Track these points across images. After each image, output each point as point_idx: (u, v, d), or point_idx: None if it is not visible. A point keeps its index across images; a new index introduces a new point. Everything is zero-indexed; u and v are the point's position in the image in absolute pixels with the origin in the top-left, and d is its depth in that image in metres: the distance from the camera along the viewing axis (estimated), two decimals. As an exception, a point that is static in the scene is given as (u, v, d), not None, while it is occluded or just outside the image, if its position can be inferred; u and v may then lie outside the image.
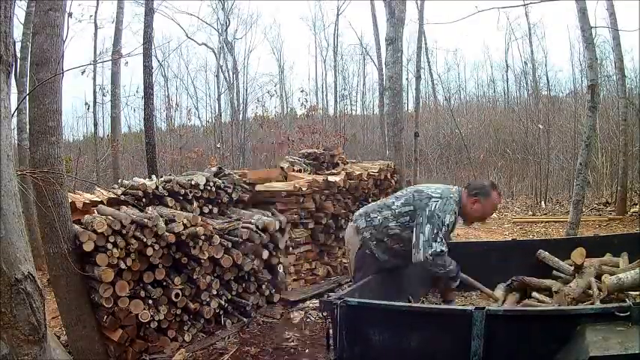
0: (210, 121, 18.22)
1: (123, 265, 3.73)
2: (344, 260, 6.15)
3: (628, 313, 1.91)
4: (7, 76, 2.12)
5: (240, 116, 16.90)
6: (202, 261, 4.19)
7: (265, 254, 4.81)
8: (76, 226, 3.77)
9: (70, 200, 3.85)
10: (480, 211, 3.23)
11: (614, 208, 10.06)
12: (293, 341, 4.12)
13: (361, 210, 3.52)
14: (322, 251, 5.90)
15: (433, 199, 3.11)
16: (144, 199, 4.42)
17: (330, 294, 4.99)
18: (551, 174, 13.00)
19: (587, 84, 6.60)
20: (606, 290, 3.07)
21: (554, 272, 3.94)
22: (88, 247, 3.60)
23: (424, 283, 3.92)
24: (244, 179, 5.42)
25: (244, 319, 4.56)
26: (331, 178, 5.86)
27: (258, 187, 5.50)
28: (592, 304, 3.08)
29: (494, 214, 11.14)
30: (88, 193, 4.66)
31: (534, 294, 3.67)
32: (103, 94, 12.42)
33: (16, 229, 2.05)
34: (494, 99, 20.60)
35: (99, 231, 3.62)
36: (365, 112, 20.78)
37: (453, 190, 3.24)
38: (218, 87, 18.37)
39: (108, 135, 13.45)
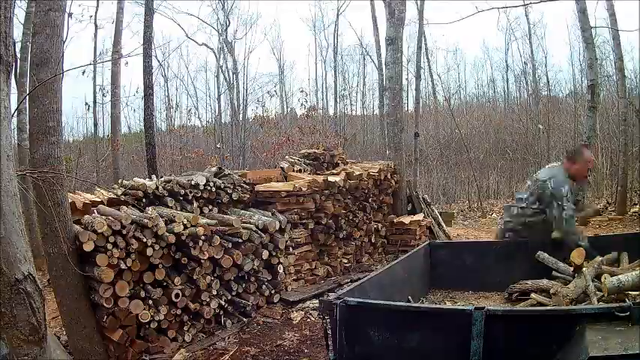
0: (210, 121, 18.24)
1: (123, 266, 3.72)
2: (343, 260, 6.16)
3: (628, 313, 1.91)
4: (7, 76, 2.12)
5: (240, 116, 16.90)
6: (202, 261, 4.19)
7: (265, 254, 4.81)
8: (76, 226, 3.77)
9: (70, 200, 3.85)
10: (580, 169, 3.89)
11: (614, 208, 10.05)
12: (293, 341, 4.12)
13: None
14: (322, 251, 5.90)
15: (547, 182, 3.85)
16: (144, 200, 4.42)
17: (330, 294, 4.99)
18: (551, 174, 12.98)
19: (587, 84, 6.61)
20: (606, 292, 3.07)
21: (554, 273, 3.93)
22: (88, 247, 3.60)
23: (423, 283, 3.93)
24: (244, 179, 5.43)
25: (244, 319, 4.56)
26: (331, 179, 5.86)
27: (258, 187, 5.51)
28: (589, 303, 3.08)
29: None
30: (88, 193, 4.66)
31: (533, 295, 3.66)
32: (103, 94, 12.42)
33: (16, 229, 2.06)
34: (494, 99, 20.61)
35: (99, 231, 3.62)
36: (365, 112, 20.77)
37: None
38: (218, 87, 18.40)
39: (108, 135, 13.46)
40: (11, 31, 2.14)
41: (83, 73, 8.02)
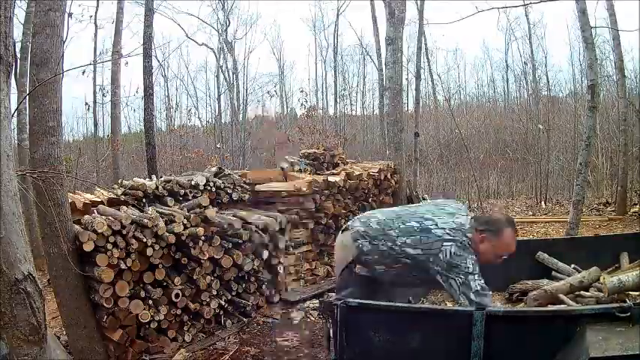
0: (210, 121, 18.24)
1: (123, 266, 3.72)
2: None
3: (628, 314, 1.91)
4: (7, 76, 2.12)
5: (240, 116, 16.90)
6: (202, 261, 4.18)
7: (265, 254, 4.81)
8: (76, 226, 3.77)
9: (70, 200, 3.85)
10: (490, 251, 2.69)
11: (614, 208, 10.05)
12: (293, 341, 4.12)
13: (361, 227, 2.91)
14: (322, 251, 5.90)
15: (445, 245, 2.63)
16: (144, 199, 4.42)
17: (330, 294, 4.99)
18: (551, 174, 12.99)
19: (587, 84, 6.59)
20: (606, 292, 3.07)
21: (554, 273, 3.94)
22: (88, 247, 3.60)
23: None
24: (244, 179, 5.43)
25: (244, 319, 4.56)
26: (331, 179, 5.86)
27: (258, 187, 5.50)
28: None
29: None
30: (88, 193, 4.66)
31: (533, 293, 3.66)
32: (103, 94, 12.40)
33: (16, 229, 2.06)
34: (494, 99, 20.61)
35: (99, 231, 3.62)
36: (365, 112, 20.77)
37: (463, 222, 2.71)
38: (218, 87, 18.39)
39: (108, 135, 13.45)
40: (11, 31, 2.14)
41: (83, 73, 7.98)
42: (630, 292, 3.05)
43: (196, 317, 4.25)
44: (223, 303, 4.39)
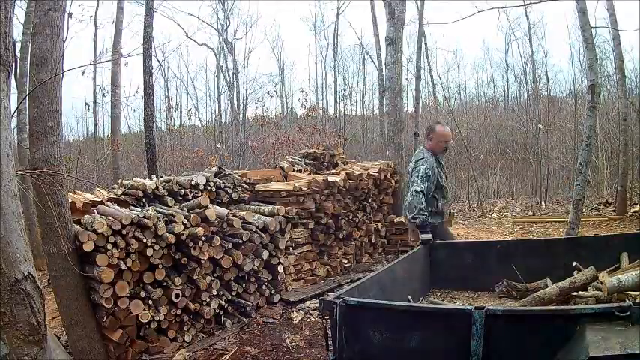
0: (210, 121, 18.25)
1: (123, 266, 3.73)
2: (343, 260, 6.16)
3: (628, 313, 1.91)
4: (7, 76, 2.12)
5: (240, 116, 16.89)
6: (202, 261, 4.19)
7: (265, 254, 4.81)
8: (76, 226, 3.77)
9: (70, 200, 3.85)
10: (434, 145, 4.24)
11: (614, 208, 10.05)
12: (293, 341, 4.12)
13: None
14: (322, 251, 5.90)
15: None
16: (144, 199, 4.42)
17: (330, 294, 4.99)
18: (551, 174, 12.99)
19: (587, 84, 6.59)
20: (606, 292, 3.06)
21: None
22: (88, 247, 3.60)
23: (423, 283, 3.92)
24: (244, 179, 5.43)
25: (244, 320, 4.56)
26: (331, 179, 5.86)
27: (258, 187, 5.51)
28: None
29: (497, 215, 11.15)
30: (88, 193, 4.66)
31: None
32: (103, 94, 12.42)
33: (16, 229, 2.06)
34: (494, 99, 20.63)
35: (99, 231, 3.62)
36: (365, 112, 20.79)
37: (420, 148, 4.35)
38: (218, 87, 18.41)
39: (108, 135, 13.45)
40: (11, 31, 2.14)
41: (83, 73, 8.04)
42: (630, 292, 3.05)
43: (196, 317, 4.25)
44: (223, 303, 4.39)
